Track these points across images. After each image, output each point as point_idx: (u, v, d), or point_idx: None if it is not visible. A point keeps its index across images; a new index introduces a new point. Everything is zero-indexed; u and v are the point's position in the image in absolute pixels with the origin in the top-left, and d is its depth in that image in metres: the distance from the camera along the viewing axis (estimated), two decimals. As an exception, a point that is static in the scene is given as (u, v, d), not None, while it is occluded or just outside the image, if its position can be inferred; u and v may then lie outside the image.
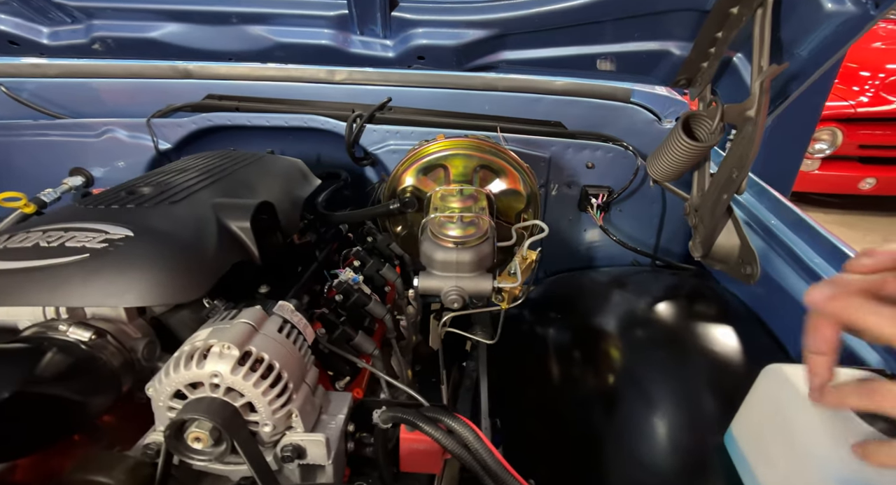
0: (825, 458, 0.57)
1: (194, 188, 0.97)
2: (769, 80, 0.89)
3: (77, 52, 1.25)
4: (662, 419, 0.96)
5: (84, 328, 0.76)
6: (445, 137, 1.11)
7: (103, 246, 0.75)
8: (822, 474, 0.57)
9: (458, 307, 0.95)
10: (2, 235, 0.80)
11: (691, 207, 1.21)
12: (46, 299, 0.73)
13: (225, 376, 0.71)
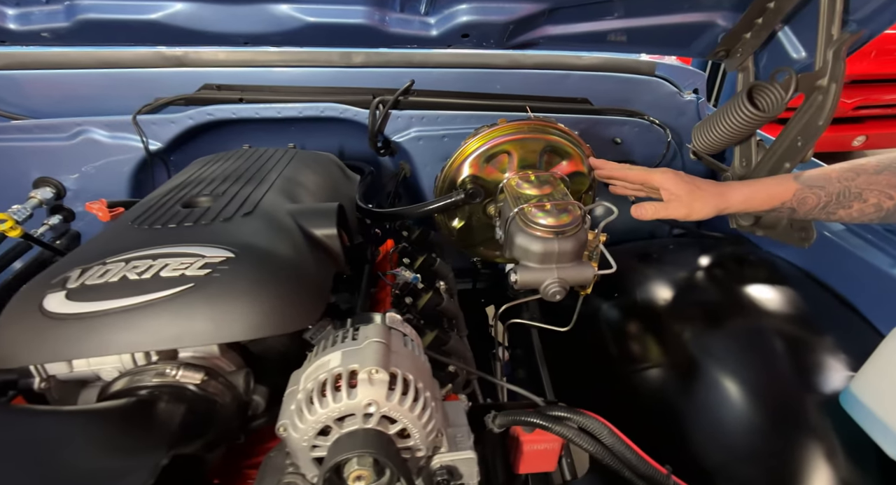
0: None
1: (256, 196, 0.85)
2: (846, 47, 0.91)
3: (52, 39, 1.04)
4: (747, 386, 0.98)
5: (194, 370, 0.65)
6: (507, 121, 1.05)
7: (206, 272, 0.64)
8: None
9: (559, 299, 0.91)
10: (59, 268, 0.66)
11: (734, 177, 1.24)
12: (152, 342, 0.61)
13: (381, 404, 0.63)
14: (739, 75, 1.20)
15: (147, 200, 0.88)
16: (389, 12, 1.07)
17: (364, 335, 0.72)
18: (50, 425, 0.51)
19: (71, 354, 0.60)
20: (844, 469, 0.81)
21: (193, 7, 1.01)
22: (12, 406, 0.61)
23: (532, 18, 1.09)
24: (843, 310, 1.06)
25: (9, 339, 0.61)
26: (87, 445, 0.51)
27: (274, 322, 0.66)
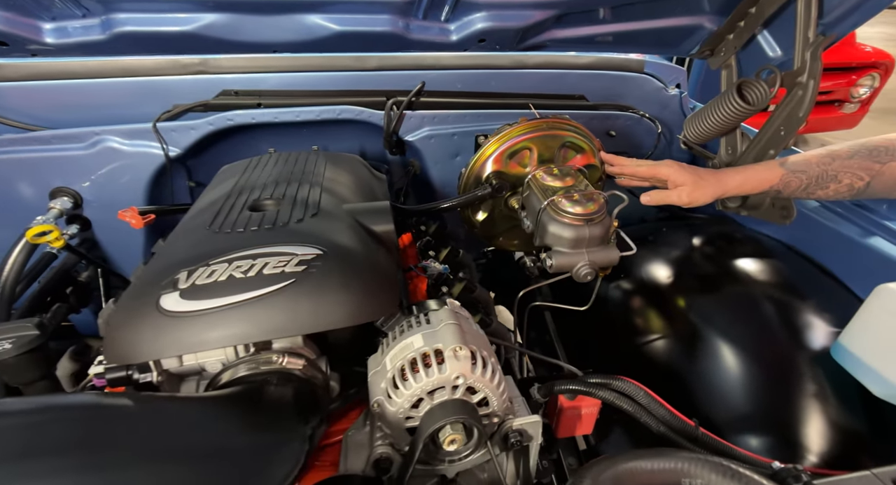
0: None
1: (313, 197, 0.91)
2: (821, 49, 1.05)
3: (88, 51, 1.05)
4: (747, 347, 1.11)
5: (296, 357, 0.72)
6: (527, 120, 1.14)
7: (303, 269, 0.71)
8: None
9: (589, 279, 1.01)
10: (162, 272, 0.70)
11: (721, 163, 1.38)
12: (264, 333, 0.68)
13: (467, 377, 0.72)
14: (723, 72, 1.34)
15: (204, 208, 0.92)
16: (412, 20, 1.14)
17: (437, 319, 0.80)
18: (206, 408, 0.57)
19: (190, 348, 0.66)
20: (837, 408, 0.96)
21: (228, 18, 1.05)
22: (172, 395, 0.66)
23: (541, 24, 1.18)
24: (823, 277, 1.22)
25: (130, 337, 0.66)
26: (240, 423, 0.57)
27: (367, 310, 0.74)
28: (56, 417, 0.48)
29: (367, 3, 1.07)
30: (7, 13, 0.96)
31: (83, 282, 1.36)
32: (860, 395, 0.94)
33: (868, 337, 0.92)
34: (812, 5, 1.05)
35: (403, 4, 1.09)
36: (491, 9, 1.13)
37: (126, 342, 0.66)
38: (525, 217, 1.12)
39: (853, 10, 1.07)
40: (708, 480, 0.61)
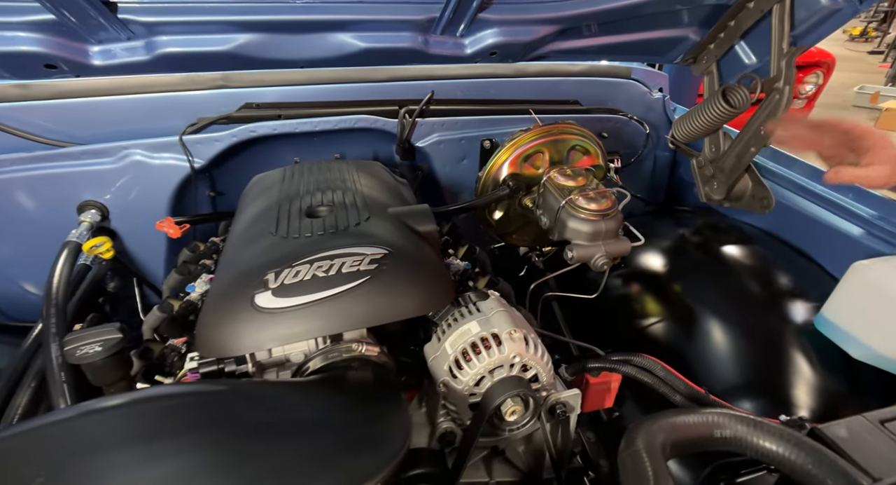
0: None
1: (359, 202, 1.00)
2: (795, 59, 1.20)
3: (131, 70, 1.10)
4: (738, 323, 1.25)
5: (371, 345, 0.81)
6: (539, 125, 1.25)
7: (376, 266, 0.80)
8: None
9: (606, 269, 1.13)
10: (247, 274, 0.78)
11: (705, 161, 1.52)
12: (348, 324, 0.77)
13: (523, 356, 0.82)
14: (705, 78, 1.48)
15: (258, 216, 0.99)
16: (431, 36, 1.23)
17: (487, 307, 0.90)
18: (326, 388, 0.66)
19: (286, 339, 0.74)
20: (823, 371, 1.10)
21: (262, 37, 1.12)
22: (300, 380, 0.74)
23: (545, 37, 1.29)
24: (800, 258, 1.37)
25: (229, 333, 0.73)
26: (348, 400, 0.66)
27: (432, 301, 0.83)
28: (214, 399, 0.56)
29: (391, 22, 1.16)
30: (58, 38, 1.01)
31: (112, 292, 1.40)
32: (841, 358, 1.09)
33: (847, 308, 1.07)
34: (785, 20, 1.20)
35: (424, 22, 1.18)
36: (502, 25, 1.23)
37: (225, 338, 0.74)
38: (541, 215, 1.23)
39: (819, 25, 1.22)
40: (735, 430, 0.73)
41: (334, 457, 0.55)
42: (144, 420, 0.55)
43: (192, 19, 1.05)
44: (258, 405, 0.60)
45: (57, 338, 1.00)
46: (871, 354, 1.03)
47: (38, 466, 0.50)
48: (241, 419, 0.57)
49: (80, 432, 0.53)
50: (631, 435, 0.71)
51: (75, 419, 0.54)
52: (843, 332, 1.07)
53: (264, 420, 0.58)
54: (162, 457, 0.52)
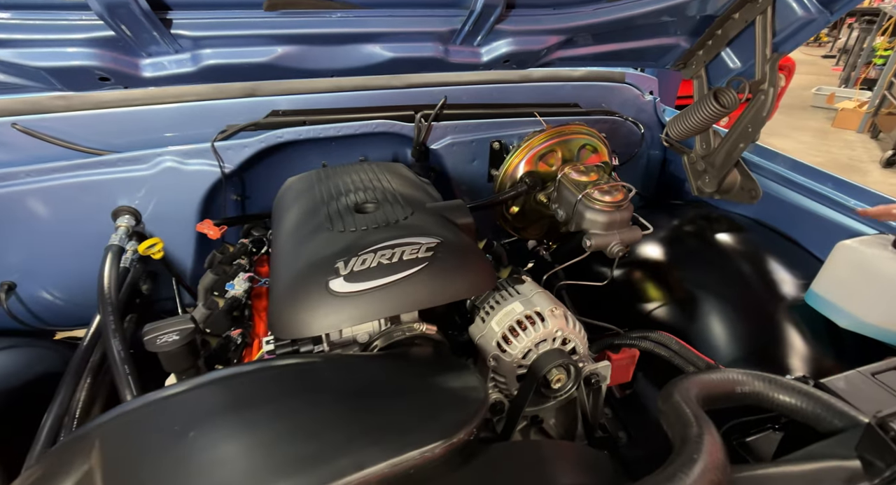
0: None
1: (398, 199, 1.09)
2: (777, 63, 1.34)
3: (178, 81, 1.17)
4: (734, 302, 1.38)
5: (429, 324, 0.90)
6: (552, 126, 1.36)
7: (431, 253, 0.89)
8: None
9: (621, 255, 1.24)
10: (325, 263, 0.86)
11: (697, 157, 1.66)
12: (412, 305, 0.86)
13: (564, 330, 0.93)
14: (695, 81, 1.62)
15: (306, 215, 1.07)
16: (451, 46, 1.33)
17: (525, 290, 1.01)
18: (401, 360, 0.75)
19: (359, 320, 0.83)
20: (812, 339, 1.23)
21: (298, 49, 1.20)
22: (372, 353, 0.83)
23: (554, 46, 1.41)
24: (787, 243, 1.51)
25: (306, 316, 0.81)
26: (428, 367, 0.75)
27: (480, 284, 0.93)
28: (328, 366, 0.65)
29: (416, 33, 1.26)
30: (113, 53, 1.07)
31: (146, 294, 1.46)
32: (829, 329, 1.23)
33: (833, 283, 1.20)
34: (767, 29, 1.34)
35: (446, 33, 1.28)
36: (516, 35, 1.34)
37: (303, 320, 0.82)
38: (557, 208, 1.34)
39: (796, 33, 1.36)
40: (753, 386, 0.85)
41: (431, 411, 0.64)
42: (266, 384, 0.63)
43: (236, 33, 1.13)
44: (355, 372, 0.68)
45: (117, 334, 1.06)
46: (856, 323, 1.17)
47: (188, 424, 0.57)
48: (343, 383, 0.66)
49: (216, 395, 0.61)
50: (667, 391, 0.81)
51: (208, 385, 0.62)
52: (831, 304, 1.20)
53: (364, 384, 0.67)
54: (289, 413, 0.60)
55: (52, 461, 0.59)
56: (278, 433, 0.58)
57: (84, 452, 0.58)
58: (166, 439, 0.57)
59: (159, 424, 0.59)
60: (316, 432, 0.58)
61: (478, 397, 0.68)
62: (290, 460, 0.54)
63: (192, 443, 0.56)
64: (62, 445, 0.60)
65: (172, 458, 0.55)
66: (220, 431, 0.57)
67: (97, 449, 0.57)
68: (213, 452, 0.55)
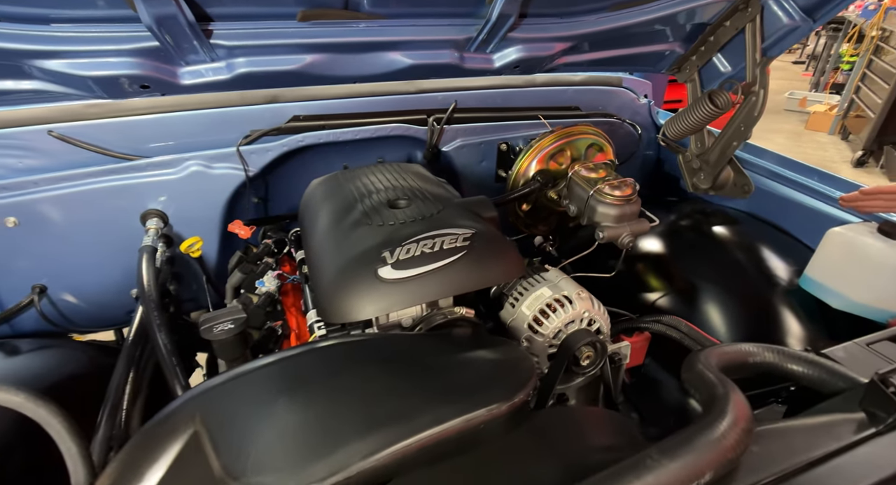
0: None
1: (426, 196, 1.16)
2: (767, 67, 1.46)
3: (213, 88, 1.23)
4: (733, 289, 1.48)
5: (466, 308, 0.97)
6: (561, 127, 1.45)
7: (468, 243, 0.97)
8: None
9: (630, 246, 1.33)
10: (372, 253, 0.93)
11: (692, 155, 1.77)
12: (453, 290, 0.93)
13: (591, 311, 1.01)
14: (688, 85, 1.74)
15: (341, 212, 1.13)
16: (465, 53, 1.42)
17: (551, 276, 1.09)
18: (453, 337, 0.82)
19: (406, 304, 0.90)
20: (807, 320, 1.34)
21: (325, 57, 1.27)
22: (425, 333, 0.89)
23: (560, 52, 1.50)
24: (780, 233, 1.63)
25: (357, 301, 0.88)
26: (478, 342, 0.82)
27: (512, 271, 1.01)
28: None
29: (435, 41, 1.34)
30: (155, 62, 1.13)
31: (173, 293, 1.50)
32: (821, 309, 1.33)
33: (825, 268, 1.31)
34: (757, 36, 1.46)
35: (462, 41, 1.37)
36: (526, 43, 1.43)
37: (355, 305, 0.89)
38: (569, 204, 1.42)
39: (782, 39, 1.48)
40: (764, 356, 0.94)
41: (491, 377, 0.72)
42: (342, 357, 0.70)
43: (269, 42, 1.19)
44: (417, 346, 0.76)
45: (163, 329, 1.11)
46: (847, 303, 1.27)
47: (285, 389, 0.64)
48: (409, 355, 0.73)
49: (299, 367, 0.68)
50: (690, 362, 0.90)
51: (290, 359, 0.69)
52: (824, 287, 1.31)
53: (428, 356, 0.74)
54: (368, 380, 0.67)
55: (155, 430, 0.64)
56: (362, 397, 0.64)
57: (185, 420, 0.64)
58: (262, 403, 0.63)
59: (252, 392, 0.65)
60: (395, 394, 0.65)
61: (529, 366, 0.76)
62: (379, 416, 0.61)
63: (285, 406, 0.63)
64: (162, 417, 0.65)
65: (271, 418, 0.61)
66: (310, 395, 0.63)
67: (198, 416, 0.63)
68: (305, 413, 0.62)
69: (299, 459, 0.58)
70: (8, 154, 1.34)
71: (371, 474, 0.59)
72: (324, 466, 0.57)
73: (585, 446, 0.71)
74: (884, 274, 1.23)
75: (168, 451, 0.61)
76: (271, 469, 0.57)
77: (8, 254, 1.37)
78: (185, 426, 0.63)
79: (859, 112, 6.21)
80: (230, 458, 0.59)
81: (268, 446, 0.59)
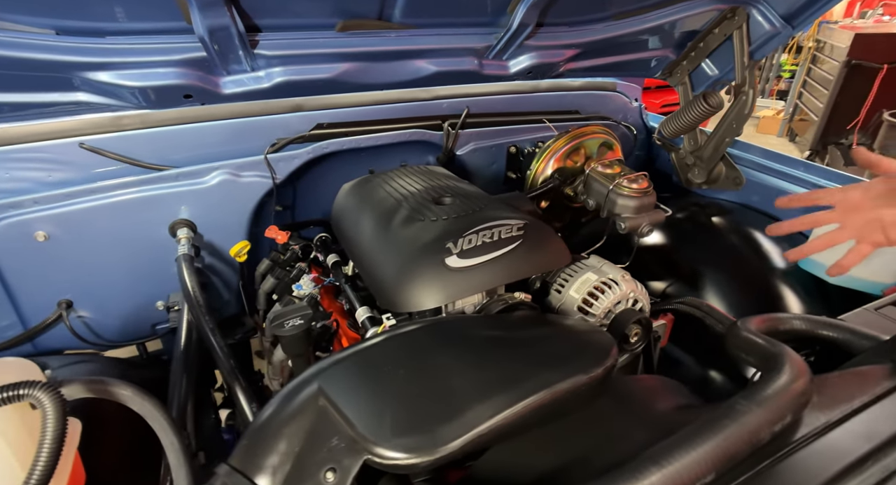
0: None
1: (465, 194, 1.23)
2: (755, 69, 1.60)
3: (253, 97, 1.27)
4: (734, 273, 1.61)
5: (524, 293, 1.04)
6: (576, 128, 1.55)
7: (522, 232, 1.04)
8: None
9: (649, 235, 1.43)
10: (436, 244, 0.99)
11: (685, 153, 1.91)
12: (514, 276, 1.00)
13: (636, 292, 1.10)
14: (680, 88, 1.88)
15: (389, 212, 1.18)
16: (484, 60, 1.50)
17: (592, 263, 1.17)
18: (526, 317, 0.89)
19: (470, 291, 0.96)
20: (805, 296, 1.47)
21: (358, 65, 1.33)
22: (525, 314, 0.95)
23: (568, 59, 1.61)
24: (772, 221, 1.75)
25: (428, 289, 0.94)
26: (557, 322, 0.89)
27: (560, 259, 1.08)
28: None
29: (457, 49, 1.42)
30: (199, 72, 1.16)
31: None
32: (818, 286, 1.47)
33: (820, 249, 1.45)
34: (744, 41, 1.61)
35: (482, 49, 1.45)
36: (539, 50, 1.53)
37: (426, 293, 0.94)
38: (586, 199, 1.52)
39: (765, 43, 1.64)
40: (791, 324, 1.05)
41: (580, 347, 0.79)
42: (442, 335, 0.76)
43: (307, 52, 1.25)
44: (504, 324, 0.82)
45: (217, 332, 1.13)
46: (844, 279, 1.41)
47: (403, 362, 0.69)
48: (501, 332, 0.79)
49: (417, 341, 0.73)
50: (732, 332, 0.99)
51: (401, 336, 0.74)
52: (821, 265, 1.44)
53: (518, 332, 0.81)
54: (474, 352, 0.73)
55: (279, 413, 0.68)
56: (473, 366, 0.70)
57: (310, 398, 0.68)
58: (383, 376, 0.68)
59: (370, 367, 0.70)
60: (502, 364, 0.71)
61: (608, 337, 0.83)
62: (494, 382, 0.67)
63: (407, 376, 0.68)
64: (283, 398, 0.69)
65: (396, 388, 0.67)
66: (428, 366, 0.69)
67: (321, 394, 0.67)
68: (428, 381, 0.67)
69: (433, 421, 0.63)
70: (37, 168, 1.33)
71: (494, 433, 0.64)
72: (457, 426, 0.62)
73: (667, 406, 0.78)
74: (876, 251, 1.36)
75: (299, 427, 0.65)
76: (410, 432, 0.62)
77: (37, 268, 1.35)
78: (311, 404, 0.67)
79: (803, 116, 6.67)
80: (366, 426, 0.63)
81: (400, 411, 0.64)
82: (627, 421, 0.76)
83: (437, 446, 0.60)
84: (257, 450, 0.65)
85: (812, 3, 1.54)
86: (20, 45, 1.00)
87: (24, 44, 1.00)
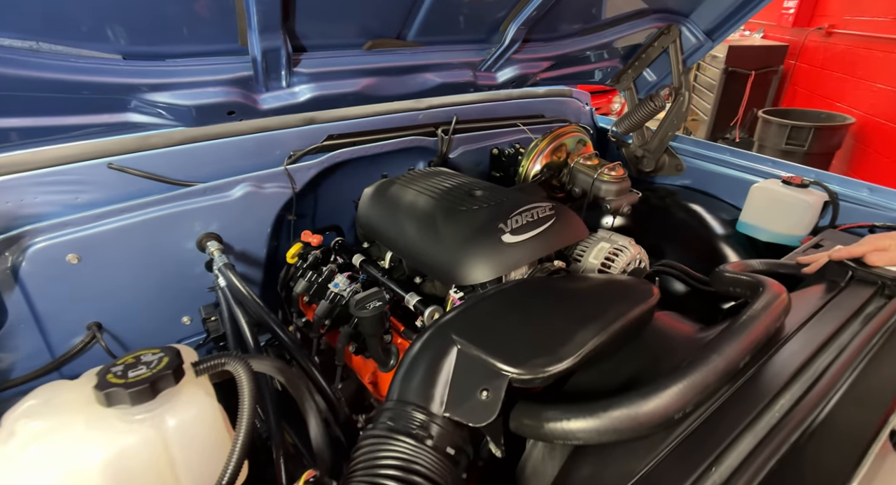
0: (799, 205, 1.65)
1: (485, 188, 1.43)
2: (689, 74, 1.95)
3: (288, 111, 1.38)
4: (688, 242, 1.94)
5: (560, 261, 1.26)
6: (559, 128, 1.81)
7: (553, 212, 1.25)
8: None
9: (628, 213, 1.71)
10: (489, 225, 1.17)
11: (635, 147, 2.24)
12: (551, 248, 1.21)
13: (641, 254, 1.36)
14: (626, 93, 2.21)
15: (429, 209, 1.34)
16: (478, 72, 1.72)
17: (603, 235, 1.41)
18: (577, 275, 1.10)
19: (523, 262, 1.16)
20: (745, 254, 1.81)
21: (378, 80, 1.50)
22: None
23: (543, 69, 1.87)
24: (711, 198, 2.13)
25: (491, 261, 1.12)
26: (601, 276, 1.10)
27: (583, 231, 1.31)
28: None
29: (458, 63, 1.63)
30: (243, 90, 1.27)
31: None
32: (753, 244, 1.82)
33: (754, 212, 1.80)
34: (678, 52, 1.96)
35: (477, 62, 1.67)
36: (522, 62, 1.77)
37: (488, 266, 1.12)
38: (572, 188, 1.77)
39: (693, 53, 2.00)
40: (753, 266, 1.34)
41: (632, 288, 1.01)
42: (537, 286, 0.95)
43: (339, 69, 1.39)
44: (572, 279, 1.03)
45: (283, 327, 1.23)
46: (772, 235, 1.77)
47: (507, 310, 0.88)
48: (573, 285, 1.00)
49: (517, 293, 0.92)
50: (717, 275, 1.26)
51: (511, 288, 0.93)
52: (755, 227, 1.80)
53: (581, 283, 1.02)
54: (563, 297, 0.93)
55: (423, 349, 0.84)
56: (566, 307, 0.90)
57: (446, 343, 0.84)
58: (502, 319, 0.86)
59: (487, 314, 0.88)
60: (585, 304, 0.92)
61: (646, 281, 1.06)
62: (585, 316, 0.88)
63: (521, 317, 0.87)
64: (425, 339, 0.85)
65: (516, 326, 0.85)
66: (535, 308, 0.88)
67: (454, 339, 0.84)
68: (539, 318, 0.87)
69: (552, 345, 0.82)
70: (65, 190, 1.35)
71: (594, 352, 0.84)
72: (570, 347, 0.82)
73: (688, 328, 1.03)
74: (792, 211, 1.73)
75: (445, 368, 0.81)
76: (537, 354, 0.80)
77: (68, 291, 1.36)
78: (448, 347, 0.83)
79: (694, 116, 7.57)
80: (502, 356, 0.80)
81: (525, 342, 0.82)
82: (668, 340, 0.99)
83: (559, 361, 0.79)
84: (413, 385, 0.80)
85: (725, 22, 1.92)
86: (91, 70, 1.06)
87: (94, 68, 1.07)
